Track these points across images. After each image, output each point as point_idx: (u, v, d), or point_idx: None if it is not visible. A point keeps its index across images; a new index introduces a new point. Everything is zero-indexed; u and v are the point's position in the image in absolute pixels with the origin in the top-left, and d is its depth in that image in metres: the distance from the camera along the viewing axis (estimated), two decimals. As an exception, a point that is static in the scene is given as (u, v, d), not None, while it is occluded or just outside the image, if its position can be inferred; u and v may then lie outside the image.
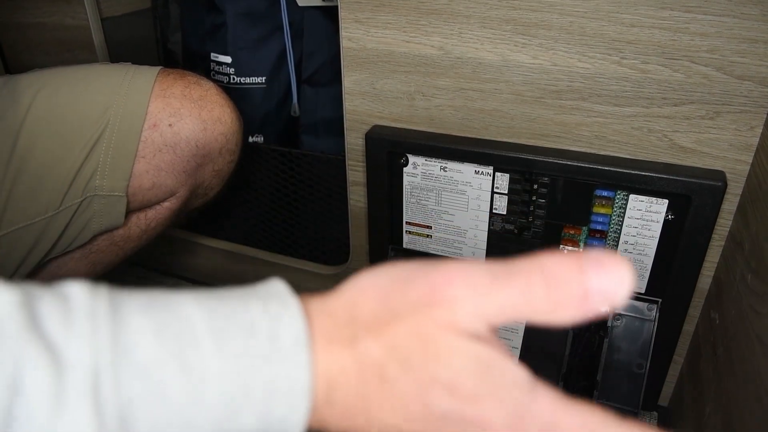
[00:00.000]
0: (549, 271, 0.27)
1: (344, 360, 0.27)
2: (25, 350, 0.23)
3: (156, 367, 0.24)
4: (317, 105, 1.05)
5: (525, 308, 0.27)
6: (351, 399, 0.27)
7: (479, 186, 0.76)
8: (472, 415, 0.26)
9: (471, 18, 0.67)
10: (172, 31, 1.13)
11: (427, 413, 0.27)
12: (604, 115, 0.67)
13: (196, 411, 0.25)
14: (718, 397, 0.61)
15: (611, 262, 0.26)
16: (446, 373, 0.27)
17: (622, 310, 0.76)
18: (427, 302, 0.27)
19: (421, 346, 0.27)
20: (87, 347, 0.23)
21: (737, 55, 0.59)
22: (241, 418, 0.26)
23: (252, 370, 0.26)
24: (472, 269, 0.28)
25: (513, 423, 0.26)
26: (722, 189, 0.64)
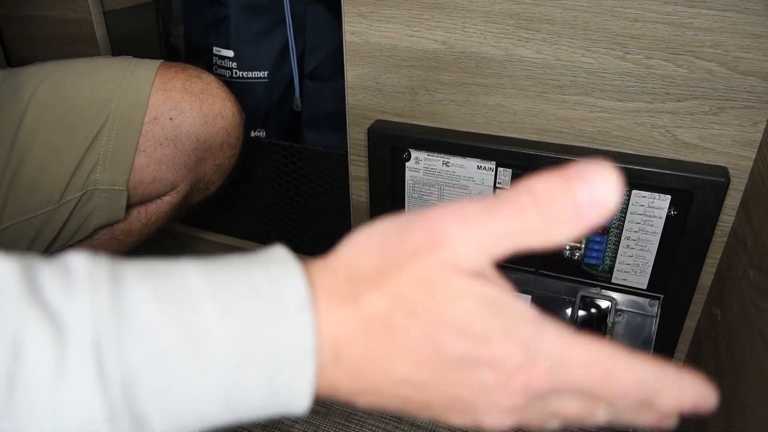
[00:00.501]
0: (537, 192, 0.27)
1: (349, 317, 0.27)
2: (26, 318, 0.22)
3: (158, 332, 0.24)
4: (319, 99, 1.04)
5: (521, 233, 0.27)
6: (360, 355, 0.27)
7: (482, 181, 0.76)
8: (485, 355, 0.26)
9: (474, 12, 0.67)
10: (174, 25, 1.13)
11: (440, 359, 0.26)
12: (607, 110, 0.67)
13: (200, 375, 0.25)
14: (720, 392, 0.61)
15: (597, 171, 0.26)
16: (455, 315, 0.26)
17: (623, 306, 0.76)
18: (426, 246, 0.27)
19: (425, 290, 0.27)
20: (88, 313, 0.23)
21: (741, 50, 0.59)
22: (245, 382, 0.25)
23: (255, 333, 0.25)
24: (463, 206, 0.28)
25: (525, 360, 0.26)
26: (725, 185, 0.63)
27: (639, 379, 0.27)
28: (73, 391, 0.22)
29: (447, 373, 0.27)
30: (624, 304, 0.76)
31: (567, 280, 0.79)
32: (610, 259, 0.75)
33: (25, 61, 1.08)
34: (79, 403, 0.22)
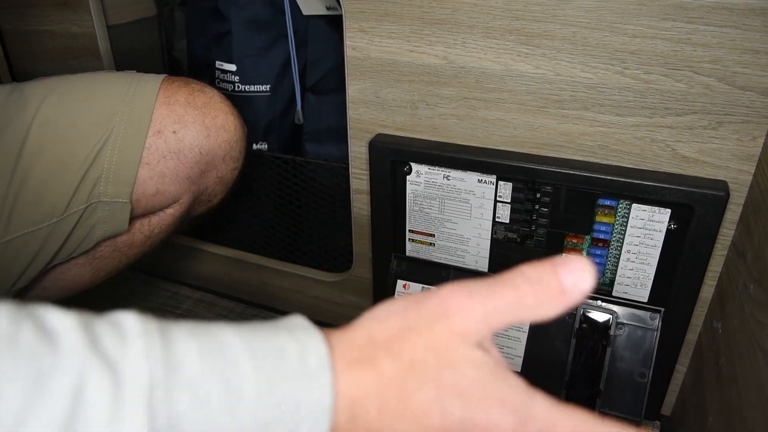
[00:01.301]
0: (530, 275, 0.32)
1: (365, 379, 0.30)
2: (88, 364, 0.25)
3: (202, 383, 0.27)
4: (321, 113, 1.05)
5: (516, 308, 0.32)
6: (373, 415, 0.30)
7: (482, 194, 0.76)
8: (482, 420, 0.29)
9: (474, 28, 0.68)
10: (177, 39, 1.13)
11: (444, 422, 0.29)
12: (606, 124, 0.67)
13: (235, 424, 0.28)
14: (720, 406, 0.61)
15: (576, 261, 0.32)
16: (459, 381, 0.30)
17: (624, 319, 0.76)
18: (439, 315, 0.32)
19: (436, 356, 0.30)
20: (142, 363, 0.26)
21: (739, 65, 0.59)
22: (272, 427, 0.28)
23: (283, 390, 0.29)
24: (470, 285, 0.33)
25: (517, 425, 0.30)
26: (725, 199, 0.64)
27: None
28: (125, 429, 0.25)
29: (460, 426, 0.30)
30: (625, 317, 0.76)
31: (568, 294, 0.79)
32: (611, 273, 0.75)
33: (29, 75, 1.08)
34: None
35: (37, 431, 0.24)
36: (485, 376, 0.31)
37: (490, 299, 0.32)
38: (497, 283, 0.32)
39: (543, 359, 0.79)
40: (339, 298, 0.99)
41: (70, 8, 0.98)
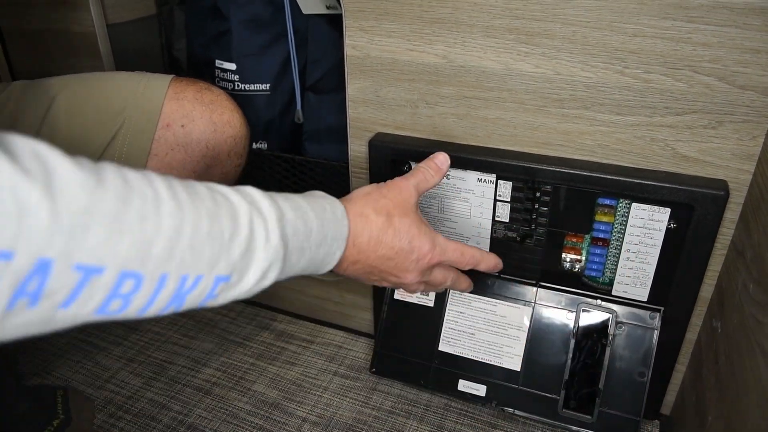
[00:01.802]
0: (424, 164, 0.64)
1: (362, 225, 0.55)
2: (250, 209, 0.43)
3: (295, 222, 0.47)
4: (321, 112, 1.05)
5: (426, 181, 0.62)
6: (364, 242, 0.55)
7: (482, 194, 0.76)
8: (416, 246, 0.58)
9: (474, 27, 0.68)
10: (177, 38, 1.13)
11: (401, 245, 0.57)
12: (606, 123, 0.67)
13: (307, 243, 0.49)
14: (720, 405, 0.61)
15: (438, 155, 0.64)
16: (410, 225, 0.58)
17: (624, 319, 0.76)
18: (396, 188, 0.60)
19: (399, 211, 0.58)
20: (271, 210, 0.45)
21: (739, 65, 0.59)
22: (320, 249, 0.51)
23: (327, 226, 0.51)
24: (404, 176, 0.62)
25: (430, 248, 0.59)
26: (724, 198, 0.64)
27: (473, 254, 0.63)
28: (272, 243, 0.44)
29: (400, 254, 0.57)
30: (624, 316, 0.76)
31: (567, 293, 0.79)
32: (611, 272, 0.75)
33: (29, 74, 1.08)
34: (274, 247, 0.45)
35: (240, 242, 0.41)
36: (419, 224, 0.59)
37: (414, 178, 0.61)
38: (411, 172, 0.62)
39: (543, 358, 0.79)
40: (338, 297, 0.99)
41: (70, 7, 0.98)
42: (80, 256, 0.32)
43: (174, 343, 1.00)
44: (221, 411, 0.86)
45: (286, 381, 0.92)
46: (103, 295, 0.34)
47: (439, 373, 0.85)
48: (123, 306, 0.36)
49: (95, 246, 0.32)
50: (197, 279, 0.39)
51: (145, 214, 0.35)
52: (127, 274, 0.34)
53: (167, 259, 0.36)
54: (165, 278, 0.37)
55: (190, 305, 0.41)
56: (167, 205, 0.37)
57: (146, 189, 0.36)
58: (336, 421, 0.84)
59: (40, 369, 0.94)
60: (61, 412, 0.82)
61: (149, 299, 0.37)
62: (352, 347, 0.98)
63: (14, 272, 0.30)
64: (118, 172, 0.35)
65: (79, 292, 0.33)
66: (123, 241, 0.34)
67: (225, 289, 0.42)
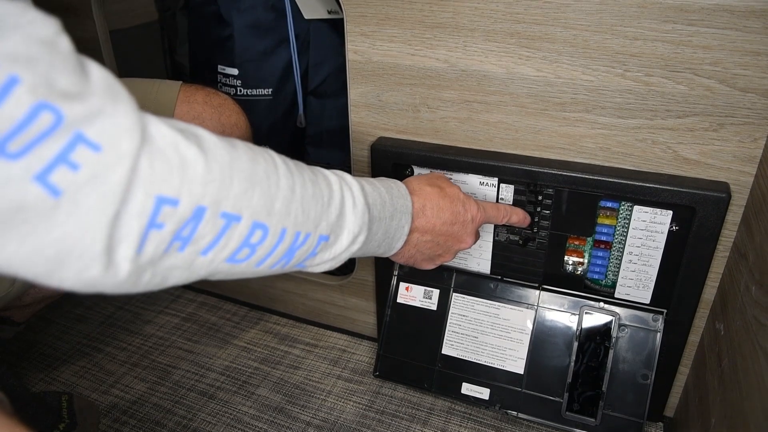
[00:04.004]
0: None
1: (425, 199, 0.61)
2: (343, 186, 0.50)
3: (375, 198, 0.53)
4: (323, 116, 1.05)
5: None
6: (430, 212, 0.61)
7: (484, 197, 0.77)
8: (470, 214, 0.65)
9: (475, 31, 0.68)
10: (179, 43, 1.14)
11: (456, 210, 0.63)
12: (608, 127, 0.68)
13: (385, 213, 0.54)
14: (723, 408, 0.61)
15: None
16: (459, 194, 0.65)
17: (627, 321, 0.76)
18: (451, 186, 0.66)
19: (449, 186, 0.64)
20: (358, 189, 0.51)
21: (740, 67, 0.59)
22: (394, 220, 0.56)
23: (397, 201, 0.57)
24: None
25: (476, 211, 0.65)
26: (726, 200, 0.64)
27: (506, 209, 0.70)
28: (359, 213, 0.50)
29: (458, 217, 0.63)
30: (627, 318, 0.76)
31: (570, 295, 0.79)
32: (613, 274, 0.75)
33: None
34: (361, 212, 0.50)
35: (335, 205, 0.48)
36: (462, 192, 0.65)
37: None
38: None
39: (546, 361, 0.80)
40: (341, 300, 0.99)
41: (73, 14, 0.99)
42: (226, 204, 0.37)
43: (178, 347, 1.00)
44: (225, 415, 0.87)
45: (290, 385, 0.92)
46: (237, 243, 0.39)
47: (442, 376, 0.85)
48: (249, 254, 0.41)
49: (237, 196, 0.38)
50: (306, 236, 0.45)
51: (269, 172, 0.41)
52: (257, 224, 0.40)
53: (286, 214, 0.42)
54: (284, 232, 0.43)
55: (296, 262, 0.47)
56: (282, 168, 0.43)
57: (265, 153, 0.43)
58: (340, 425, 0.84)
59: (45, 374, 0.94)
60: (66, 417, 0.82)
61: (270, 250, 0.42)
62: (356, 351, 0.99)
63: (178, 217, 0.35)
64: (242, 140, 0.42)
65: (221, 238, 0.38)
66: (255, 194, 0.39)
67: (324, 247, 0.48)
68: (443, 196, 0.62)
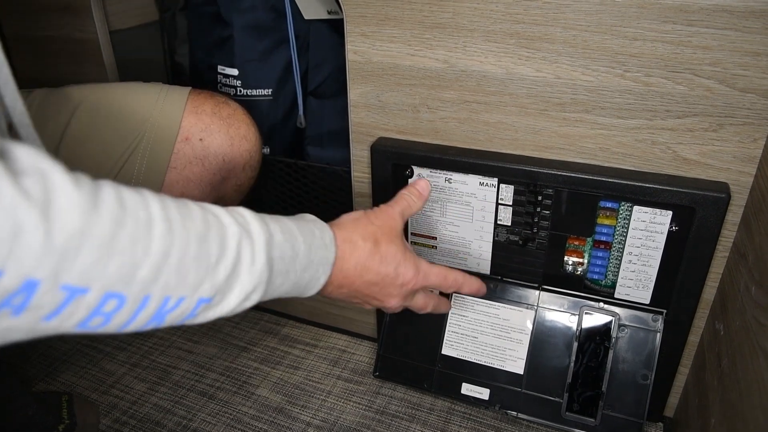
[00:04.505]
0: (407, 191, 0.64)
1: (350, 251, 0.55)
2: (239, 231, 0.44)
3: (282, 245, 0.47)
4: (323, 117, 1.05)
5: (409, 208, 0.63)
6: (351, 268, 0.55)
7: (484, 197, 0.77)
8: (402, 270, 0.59)
9: (475, 32, 0.68)
10: (179, 44, 1.14)
11: (386, 271, 0.57)
12: (607, 127, 0.68)
13: (293, 267, 0.49)
14: (723, 408, 0.61)
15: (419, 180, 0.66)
16: (395, 252, 0.58)
17: (626, 321, 0.76)
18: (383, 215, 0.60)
19: (385, 238, 0.58)
20: (260, 232, 0.45)
21: (740, 68, 0.59)
22: (306, 273, 0.51)
23: (314, 252, 0.51)
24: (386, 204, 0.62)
25: (414, 275, 0.60)
26: (726, 201, 0.64)
27: (456, 278, 0.64)
28: (257, 265, 0.44)
29: (386, 280, 0.58)
30: (627, 319, 0.76)
31: (570, 296, 0.79)
32: (613, 275, 0.75)
33: (33, 81, 1.09)
34: (259, 271, 0.45)
35: (226, 265, 0.42)
36: (404, 250, 0.59)
37: (399, 205, 0.62)
38: (395, 199, 0.63)
39: (546, 361, 0.80)
40: (341, 300, 0.99)
41: (73, 14, 0.99)
42: (68, 277, 0.33)
43: (178, 347, 1.00)
44: (225, 416, 0.87)
45: (290, 385, 0.92)
46: (86, 313, 0.35)
47: (442, 376, 0.85)
48: (104, 322, 0.37)
49: (84, 268, 0.33)
50: (179, 300, 0.40)
51: (136, 237, 0.36)
52: (111, 294, 0.35)
53: (152, 281, 0.37)
54: (148, 299, 0.38)
55: (170, 323, 0.42)
56: (158, 228, 0.37)
57: (140, 211, 0.37)
58: (340, 425, 0.84)
59: (45, 374, 0.94)
60: (66, 417, 0.82)
61: (130, 317, 0.38)
62: (356, 351, 0.99)
63: (3, 289, 0.30)
64: (115, 194, 0.36)
65: (63, 308, 0.34)
66: (111, 263, 0.34)
67: (206, 309, 0.43)
68: (374, 254, 0.56)
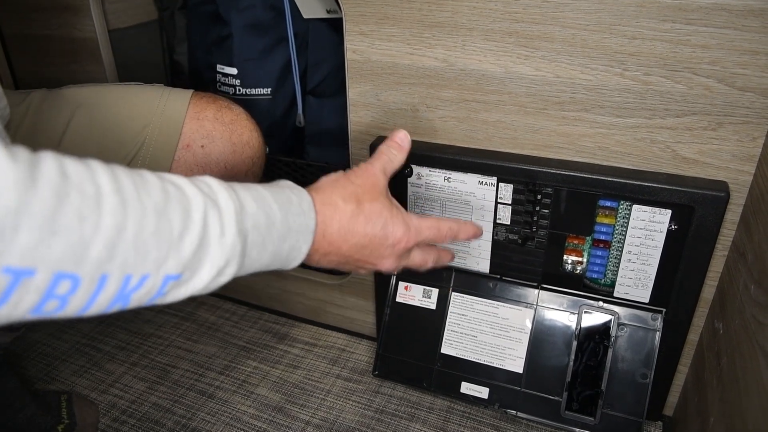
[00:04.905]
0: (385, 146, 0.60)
1: (331, 213, 0.52)
2: (205, 202, 0.41)
3: (256, 214, 0.45)
4: (322, 115, 1.05)
5: (390, 161, 0.59)
6: (335, 232, 0.52)
7: (483, 196, 0.77)
8: (390, 232, 0.55)
9: (474, 30, 0.68)
10: (178, 43, 1.14)
11: (374, 232, 0.54)
12: (606, 126, 0.68)
13: (270, 236, 0.46)
14: (722, 406, 0.61)
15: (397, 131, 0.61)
16: (381, 210, 0.55)
17: (626, 320, 0.76)
18: (364, 174, 0.56)
19: (369, 196, 0.54)
20: (229, 202, 0.43)
21: (739, 66, 0.59)
22: (285, 242, 0.48)
23: (291, 219, 0.48)
24: (368, 161, 0.58)
25: (404, 232, 0.56)
26: (725, 199, 0.64)
27: (450, 227, 0.61)
28: (228, 236, 0.42)
29: (374, 241, 0.54)
30: (626, 317, 0.76)
31: (569, 295, 0.79)
32: (612, 273, 0.75)
33: (32, 79, 1.09)
34: (230, 243, 0.42)
35: (191, 239, 0.39)
36: (390, 207, 0.56)
37: (379, 161, 0.58)
38: (375, 155, 0.59)
39: (545, 360, 0.80)
40: (340, 300, 0.99)
41: (72, 13, 0.99)
42: (8, 258, 0.31)
43: (177, 347, 1.00)
44: (224, 415, 0.87)
45: (289, 384, 0.92)
46: (37, 297, 0.33)
47: (441, 375, 0.85)
48: (60, 306, 0.35)
49: (25, 248, 0.31)
50: (143, 278, 0.38)
51: (83, 212, 0.33)
52: (63, 275, 0.33)
53: (107, 259, 0.35)
54: (105, 279, 0.35)
55: (137, 304, 0.40)
56: (109, 202, 0.35)
57: (87, 184, 0.34)
58: (339, 424, 0.84)
59: (44, 374, 0.94)
60: (65, 416, 0.82)
61: (89, 299, 0.36)
62: (355, 350, 0.99)
63: None
64: (57, 166, 0.33)
65: (10, 294, 0.32)
66: (57, 242, 0.32)
67: (175, 287, 0.40)
68: (357, 214, 0.53)
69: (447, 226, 0.60)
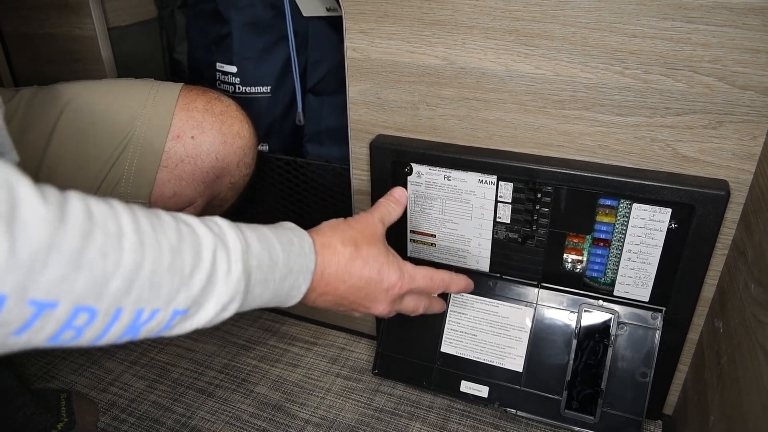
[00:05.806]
0: (386, 199, 0.66)
1: (330, 257, 0.55)
2: (214, 241, 0.43)
3: (260, 254, 0.47)
4: (322, 114, 1.05)
5: (389, 213, 0.64)
6: (332, 274, 0.55)
7: (483, 195, 0.76)
8: (386, 274, 0.58)
9: (474, 28, 0.68)
10: (178, 41, 1.14)
11: (369, 275, 0.57)
12: (607, 124, 0.67)
13: (272, 276, 0.48)
14: (722, 406, 0.61)
15: (396, 189, 0.67)
16: (378, 255, 0.58)
17: (626, 319, 0.76)
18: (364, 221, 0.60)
19: (366, 242, 0.58)
20: (237, 242, 0.45)
21: (739, 65, 0.59)
22: (286, 281, 0.50)
23: (293, 260, 0.51)
24: (367, 211, 0.64)
25: (398, 278, 0.59)
26: (725, 198, 0.64)
27: (443, 278, 0.63)
28: (234, 275, 0.44)
29: (370, 284, 0.57)
30: (626, 316, 0.76)
31: (569, 293, 0.79)
32: (612, 272, 0.75)
33: (31, 78, 1.09)
34: (235, 281, 0.44)
35: (201, 276, 0.41)
36: (387, 253, 0.59)
37: (378, 211, 0.63)
38: (374, 206, 0.64)
39: (545, 359, 0.80)
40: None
41: (71, 11, 0.99)
42: (35, 292, 0.32)
43: (177, 345, 1.00)
44: (224, 413, 0.87)
45: (289, 383, 0.92)
46: (56, 327, 0.34)
47: (441, 374, 0.85)
48: (75, 336, 0.36)
49: (51, 283, 0.33)
50: (153, 312, 0.39)
51: (106, 250, 0.35)
52: (81, 308, 0.35)
53: (124, 294, 0.37)
54: (120, 312, 0.37)
55: (146, 335, 0.41)
56: (129, 240, 0.37)
57: (110, 223, 0.36)
58: (339, 423, 0.84)
59: (43, 372, 0.94)
60: (65, 415, 0.82)
61: (102, 331, 0.37)
62: (355, 349, 0.99)
63: None
64: (83, 206, 0.35)
65: (32, 323, 0.33)
66: (80, 277, 0.34)
67: (182, 320, 0.42)
68: (355, 257, 0.56)
69: (440, 277, 0.63)
